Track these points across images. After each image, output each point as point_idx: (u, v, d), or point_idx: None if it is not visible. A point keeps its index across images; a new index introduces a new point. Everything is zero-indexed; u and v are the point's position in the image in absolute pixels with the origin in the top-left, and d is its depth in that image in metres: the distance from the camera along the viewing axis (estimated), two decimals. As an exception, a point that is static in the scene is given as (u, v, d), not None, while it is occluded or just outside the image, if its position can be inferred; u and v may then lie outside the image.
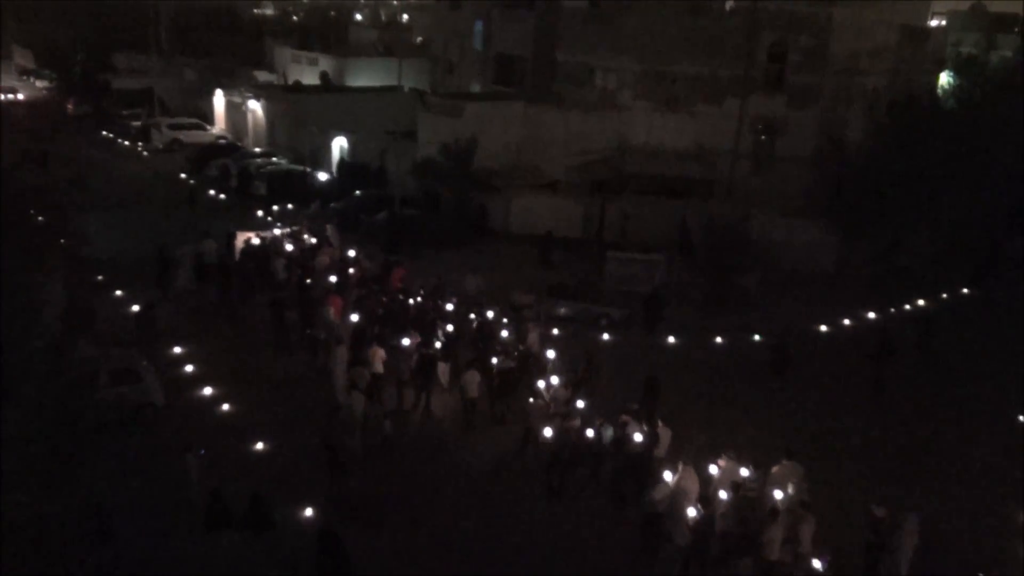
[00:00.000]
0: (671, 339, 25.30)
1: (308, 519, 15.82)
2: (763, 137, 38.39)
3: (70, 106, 57.92)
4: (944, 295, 29.84)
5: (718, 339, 25.24)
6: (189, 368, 21.90)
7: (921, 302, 28.94)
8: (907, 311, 28.33)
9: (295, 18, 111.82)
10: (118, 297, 25.91)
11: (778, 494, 15.25)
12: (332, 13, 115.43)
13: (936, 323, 25.29)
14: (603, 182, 36.28)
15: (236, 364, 22.27)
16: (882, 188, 28.62)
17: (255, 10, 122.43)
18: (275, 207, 36.44)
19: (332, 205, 35.58)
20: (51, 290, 22.89)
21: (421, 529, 16.13)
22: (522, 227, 34.42)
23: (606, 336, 25.40)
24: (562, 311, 26.17)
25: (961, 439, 20.44)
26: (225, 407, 20.11)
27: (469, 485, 17.71)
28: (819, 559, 13.86)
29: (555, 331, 24.59)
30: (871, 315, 27.26)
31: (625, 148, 38.72)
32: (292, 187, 38.66)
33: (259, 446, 18.49)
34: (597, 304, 26.77)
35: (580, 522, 16.57)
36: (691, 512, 14.41)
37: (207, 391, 20.78)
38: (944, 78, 39.30)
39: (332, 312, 22.77)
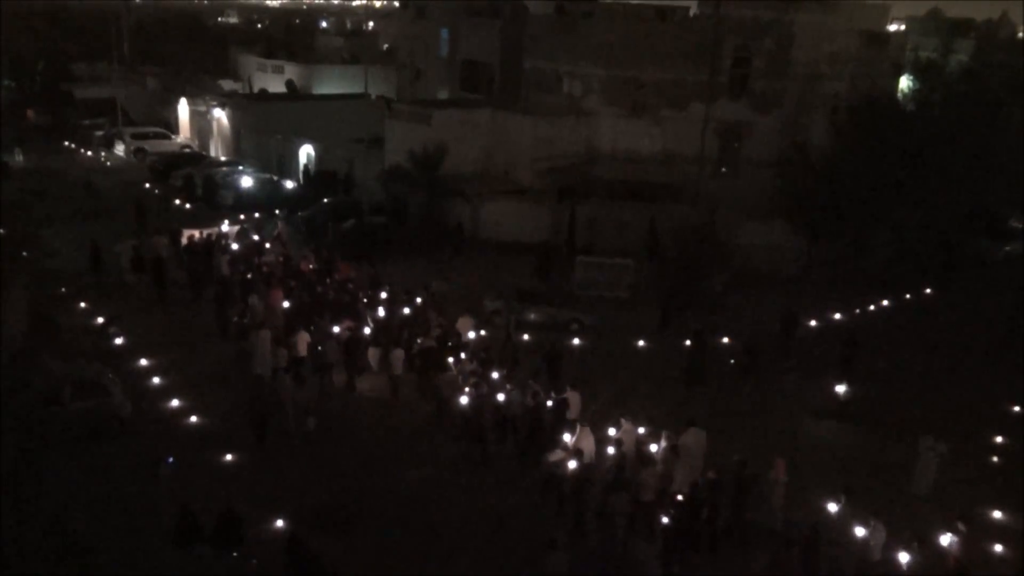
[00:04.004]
0: (640, 343, 25.48)
1: (278, 531, 15.72)
2: (717, 143, 38.80)
3: (30, 116, 56.98)
4: (907, 295, 30.38)
5: (687, 342, 25.46)
6: (156, 380, 21.65)
7: (885, 302, 29.46)
8: (871, 311, 28.79)
9: (260, 26, 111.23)
10: (82, 309, 25.59)
11: (653, 447, 17.81)
12: (297, 21, 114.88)
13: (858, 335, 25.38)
14: (571, 187, 36.46)
15: (184, 359, 22.89)
16: (845, 190, 29.11)
17: (219, 18, 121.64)
18: (241, 215, 36.19)
19: (300, 213, 35.41)
20: (14, 303, 22.53)
21: (353, 505, 17.01)
22: (492, 233, 34.51)
23: (576, 341, 25.52)
24: (532, 317, 26.29)
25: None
26: (193, 419, 19.92)
27: (392, 457, 19.03)
28: (681, 495, 16.47)
29: (525, 336, 24.66)
30: (836, 316, 27.66)
31: (592, 154, 38.97)
32: (259, 196, 38.43)
33: (228, 457, 18.39)
34: (567, 309, 26.92)
35: (493, 479, 18.19)
36: (571, 464, 16.82)
37: (174, 403, 20.56)
38: (904, 82, 39.97)
39: (257, 300, 24.27)
